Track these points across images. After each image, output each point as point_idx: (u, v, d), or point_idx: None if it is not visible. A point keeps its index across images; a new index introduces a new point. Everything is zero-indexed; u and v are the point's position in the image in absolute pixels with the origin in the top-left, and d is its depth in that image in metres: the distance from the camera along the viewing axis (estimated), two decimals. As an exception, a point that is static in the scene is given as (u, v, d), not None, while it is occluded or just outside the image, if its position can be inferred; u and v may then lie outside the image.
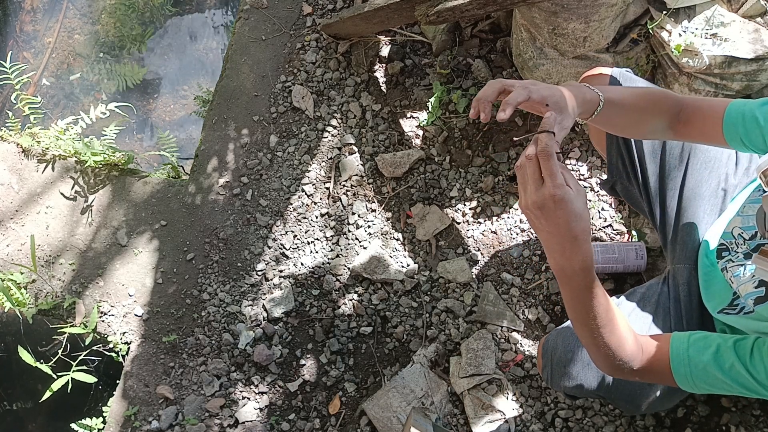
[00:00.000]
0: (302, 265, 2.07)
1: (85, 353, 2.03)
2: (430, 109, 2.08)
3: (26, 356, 1.95)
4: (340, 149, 2.18)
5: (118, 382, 2.01)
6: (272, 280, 2.06)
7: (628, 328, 1.05)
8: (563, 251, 0.94)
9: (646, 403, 1.36)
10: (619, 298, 1.49)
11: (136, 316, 2.07)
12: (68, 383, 1.94)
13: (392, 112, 2.19)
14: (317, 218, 2.11)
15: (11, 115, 2.40)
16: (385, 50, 2.26)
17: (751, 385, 0.99)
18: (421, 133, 2.16)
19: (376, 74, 2.24)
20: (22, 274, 2.10)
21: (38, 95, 2.78)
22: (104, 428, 1.97)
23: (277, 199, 2.15)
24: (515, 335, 1.90)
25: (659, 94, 1.19)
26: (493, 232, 2.02)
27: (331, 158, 2.17)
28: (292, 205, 2.13)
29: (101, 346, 2.06)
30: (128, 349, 2.04)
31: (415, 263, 2.03)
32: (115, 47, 2.92)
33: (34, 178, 2.24)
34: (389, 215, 2.09)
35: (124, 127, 2.68)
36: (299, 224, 2.11)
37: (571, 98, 1.01)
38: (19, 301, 2.05)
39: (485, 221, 2.03)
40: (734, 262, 1.21)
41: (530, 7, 1.77)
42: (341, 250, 2.07)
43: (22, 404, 2.39)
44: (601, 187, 1.83)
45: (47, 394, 1.93)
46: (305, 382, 1.95)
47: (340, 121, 2.21)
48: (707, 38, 1.72)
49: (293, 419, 1.92)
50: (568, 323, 1.48)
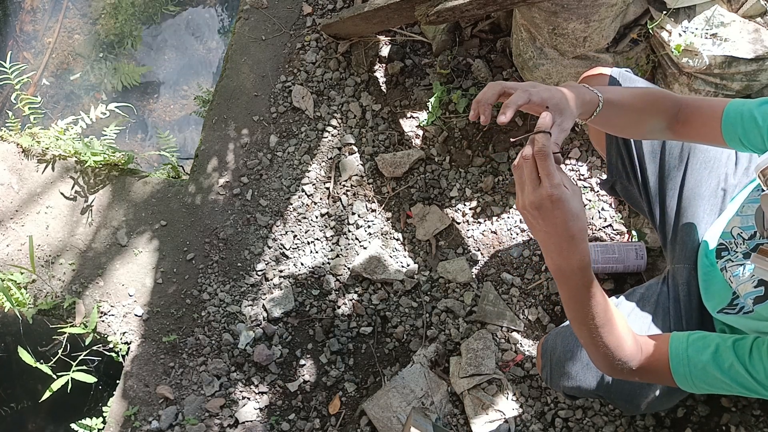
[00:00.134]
0: (302, 265, 2.07)
1: (85, 353, 2.03)
2: (430, 109, 2.08)
3: (26, 356, 1.95)
4: (340, 149, 2.18)
5: (118, 382, 2.01)
6: (272, 280, 2.06)
7: (626, 328, 1.05)
8: (561, 251, 0.94)
9: (645, 403, 1.36)
10: (618, 298, 1.49)
11: (136, 316, 2.07)
12: (68, 383, 1.94)
13: (392, 112, 2.19)
14: (317, 218, 2.11)
15: (11, 115, 2.40)
16: (385, 50, 2.26)
17: (750, 384, 0.99)
18: (421, 133, 2.16)
19: (376, 74, 2.24)
20: (22, 274, 2.10)
21: (38, 95, 2.78)
22: (104, 428, 1.98)
23: (277, 199, 2.15)
24: (515, 335, 1.90)
25: (658, 94, 1.19)
26: (493, 232, 2.02)
27: (331, 158, 2.17)
28: (292, 205, 2.13)
29: (101, 346, 2.07)
30: (128, 349, 2.04)
31: (415, 263, 2.03)
32: (115, 47, 2.92)
33: (34, 178, 2.24)
34: (389, 215, 2.09)
35: (124, 127, 2.69)
36: (299, 224, 2.11)
37: (570, 100, 1.01)
38: (19, 301, 2.05)
39: (485, 221, 2.03)
40: (733, 261, 1.21)
41: (530, 7, 1.77)
42: (341, 250, 2.07)
43: (22, 404, 2.39)
44: (600, 187, 1.83)
45: (47, 394, 1.93)
46: (305, 382, 1.95)
47: (340, 121, 2.21)
48: (707, 38, 1.72)
49: (293, 419, 1.92)
50: (567, 323, 1.48)
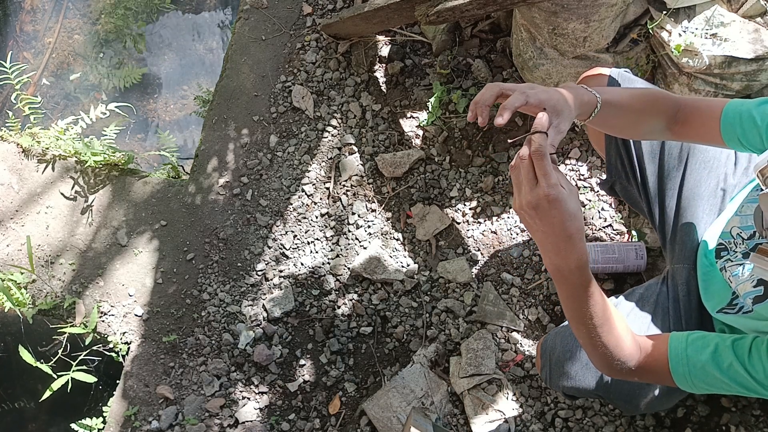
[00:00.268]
0: (302, 265, 2.07)
1: (85, 353, 2.03)
2: (430, 109, 2.08)
3: (26, 356, 1.95)
4: (340, 149, 2.18)
5: (118, 382, 2.01)
6: (272, 280, 2.06)
7: (625, 327, 1.05)
8: (558, 251, 0.95)
9: (645, 402, 1.36)
10: (617, 298, 1.49)
11: (136, 316, 2.07)
12: (68, 383, 1.94)
13: (392, 112, 2.19)
14: (317, 218, 2.11)
15: (11, 115, 2.40)
16: (385, 50, 2.26)
17: (749, 384, 0.99)
18: (421, 133, 2.16)
19: (376, 74, 2.24)
20: (22, 274, 2.10)
21: (38, 95, 2.78)
22: (104, 428, 1.98)
23: (277, 199, 2.15)
24: (515, 335, 1.90)
25: (657, 95, 1.19)
26: (493, 232, 2.02)
27: (331, 158, 2.17)
28: (292, 205, 2.13)
29: (101, 346, 2.07)
30: (128, 349, 2.04)
31: (415, 263, 2.03)
32: (115, 47, 2.92)
33: (34, 178, 2.24)
34: (389, 215, 2.09)
35: (124, 127, 2.69)
36: (299, 224, 2.12)
37: (568, 101, 1.02)
38: (19, 301, 2.05)
39: (485, 221, 2.03)
40: (733, 261, 1.21)
41: (530, 7, 1.77)
42: (341, 250, 2.07)
43: (22, 404, 2.39)
44: (600, 187, 1.83)
45: (47, 393, 1.93)
46: (305, 382, 1.95)
47: (340, 121, 2.21)
48: (707, 38, 1.72)
49: (293, 419, 1.92)
50: (566, 323, 1.48)
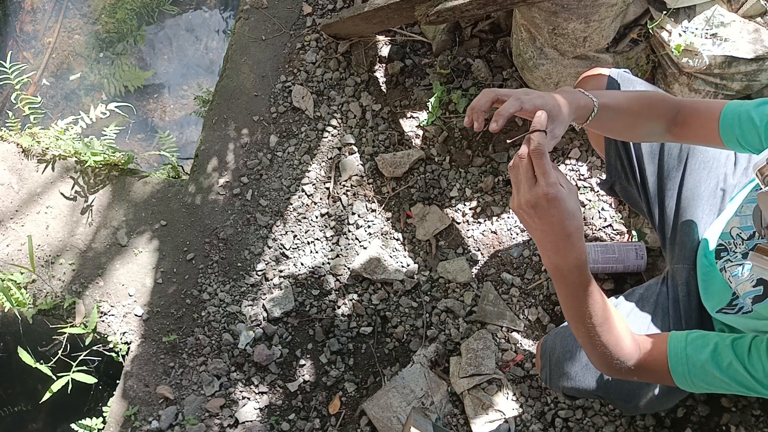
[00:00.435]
0: (302, 265, 2.07)
1: (85, 353, 2.03)
2: (430, 109, 2.08)
3: (26, 357, 1.95)
4: (340, 149, 2.18)
5: (118, 382, 2.01)
6: (272, 280, 2.06)
7: (625, 327, 1.05)
8: (557, 249, 0.94)
9: (644, 403, 1.36)
10: (617, 298, 1.49)
11: (136, 316, 2.07)
12: (68, 384, 1.94)
13: (392, 112, 2.19)
14: (317, 218, 2.11)
15: (11, 115, 2.40)
16: (385, 50, 2.26)
17: (749, 383, 0.99)
18: (421, 133, 2.16)
19: (376, 74, 2.24)
20: (22, 274, 2.10)
21: (38, 95, 2.78)
22: (104, 428, 1.98)
23: (277, 199, 2.15)
24: (515, 335, 1.90)
25: (655, 98, 1.19)
26: (493, 232, 2.02)
27: (331, 158, 2.17)
28: (292, 205, 2.13)
29: (101, 346, 2.07)
30: (128, 349, 2.04)
31: (415, 263, 2.03)
32: (115, 47, 2.92)
33: (34, 178, 2.24)
34: (389, 215, 2.09)
35: (124, 127, 2.69)
36: (299, 224, 2.11)
37: (564, 106, 1.02)
38: (19, 301, 2.05)
39: (485, 221, 2.03)
40: (733, 262, 1.21)
41: (530, 7, 1.77)
42: (341, 250, 2.07)
43: (22, 404, 2.39)
44: (600, 187, 1.83)
45: (47, 395, 1.93)
46: (305, 382, 1.95)
47: (340, 121, 2.21)
48: (707, 38, 1.72)
49: (293, 419, 1.92)
50: (566, 323, 1.48)
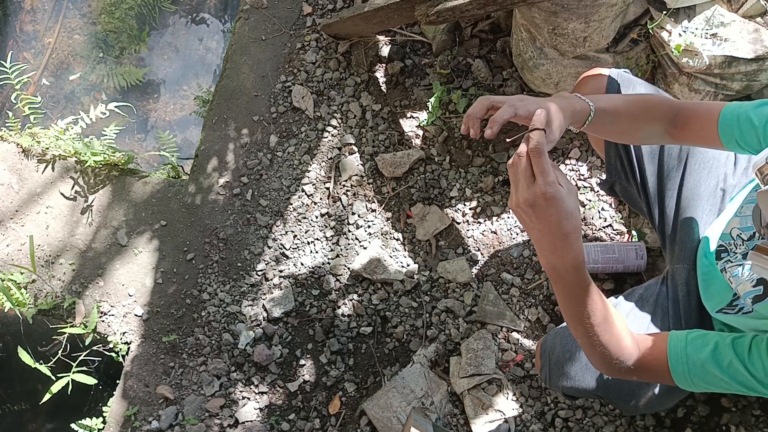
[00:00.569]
0: (302, 265, 2.07)
1: (85, 353, 2.03)
2: (430, 109, 2.08)
3: (26, 357, 1.95)
4: (340, 149, 2.18)
5: (118, 382, 2.01)
6: (272, 280, 2.06)
7: (624, 327, 1.05)
8: (554, 249, 0.94)
9: (644, 402, 1.36)
10: (617, 298, 1.49)
11: (136, 316, 2.07)
12: (68, 385, 1.94)
13: (392, 112, 2.19)
14: (317, 218, 2.11)
15: (11, 115, 2.40)
16: (385, 50, 2.26)
17: (749, 382, 0.99)
18: (421, 133, 2.16)
19: (376, 74, 2.24)
20: (22, 274, 2.10)
21: (38, 95, 2.78)
22: (104, 428, 1.98)
23: (277, 199, 2.15)
24: (515, 335, 1.90)
25: (654, 100, 1.19)
26: (493, 232, 2.02)
27: (331, 158, 2.17)
28: (292, 205, 2.13)
29: (101, 346, 2.07)
30: (128, 349, 2.04)
31: (415, 263, 2.03)
32: (114, 47, 2.92)
33: (34, 178, 2.24)
34: (389, 215, 2.09)
35: (124, 127, 2.68)
36: (299, 224, 2.11)
37: (559, 112, 1.02)
38: (19, 301, 2.05)
39: (485, 221, 2.03)
40: (733, 262, 1.21)
41: (530, 7, 1.77)
42: (341, 250, 2.07)
43: (22, 404, 2.39)
44: (600, 187, 1.83)
45: (47, 396, 1.92)
46: (305, 382, 1.95)
47: (340, 121, 2.21)
48: (707, 38, 1.72)
49: (293, 419, 1.92)
50: (566, 323, 1.48)
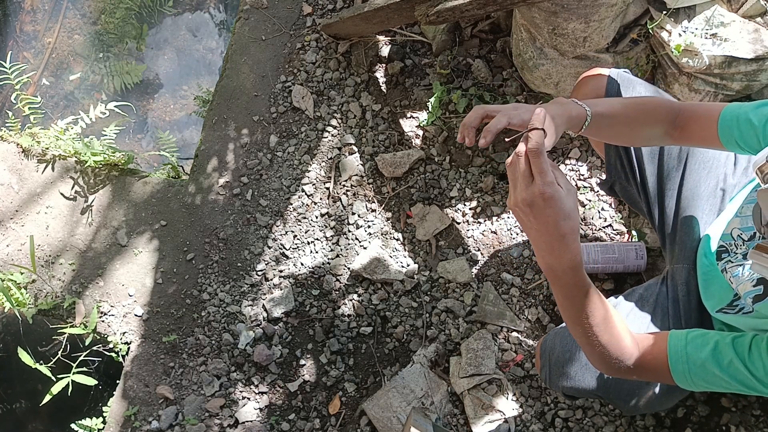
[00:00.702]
0: (302, 265, 2.07)
1: (85, 353, 2.03)
2: (430, 109, 2.08)
3: (26, 357, 1.95)
4: (340, 149, 2.18)
5: (118, 382, 2.01)
6: (272, 280, 2.06)
7: (624, 326, 1.05)
8: (552, 250, 0.94)
9: (644, 402, 1.36)
10: (617, 298, 1.49)
11: (136, 316, 2.07)
12: (68, 385, 1.94)
13: (392, 112, 2.19)
14: (317, 218, 2.11)
15: (11, 115, 2.40)
16: (385, 50, 2.26)
17: (749, 382, 0.99)
18: (421, 133, 2.16)
19: (376, 74, 2.24)
20: (22, 274, 2.10)
21: (38, 95, 2.78)
22: (104, 428, 1.98)
23: (277, 199, 2.15)
24: (515, 335, 1.90)
25: (652, 103, 1.19)
26: (493, 232, 2.02)
27: (331, 158, 2.17)
28: (292, 205, 2.13)
29: (101, 346, 2.07)
30: (128, 349, 2.04)
31: (415, 263, 2.03)
32: (114, 47, 2.92)
33: (34, 178, 2.24)
34: (389, 215, 2.09)
35: (124, 127, 2.69)
36: (299, 224, 2.11)
37: (554, 119, 1.02)
38: (19, 301, 2.05)
39: (485, 221, 2.03)
40: (734, 263, 1.21)
41: (530, 7, 1.77)
42: (341, 250, 2.07)
43: (22, 404, 2.39)
44: (600, 187, 1.83)
45: (47, 397, 1.92)
46: (305, 382, 1.95)
47: (340, 121, 2.21)
48: (707, 38, 1.72)
49: (293, 419, 1.92)
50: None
